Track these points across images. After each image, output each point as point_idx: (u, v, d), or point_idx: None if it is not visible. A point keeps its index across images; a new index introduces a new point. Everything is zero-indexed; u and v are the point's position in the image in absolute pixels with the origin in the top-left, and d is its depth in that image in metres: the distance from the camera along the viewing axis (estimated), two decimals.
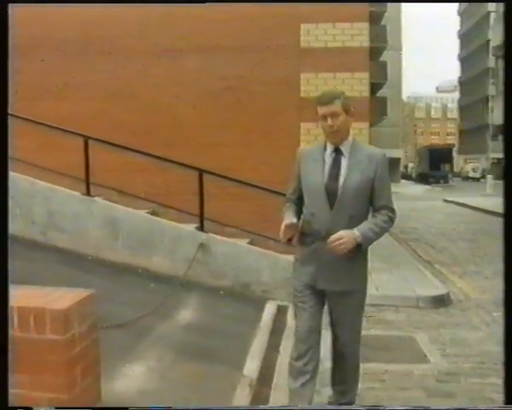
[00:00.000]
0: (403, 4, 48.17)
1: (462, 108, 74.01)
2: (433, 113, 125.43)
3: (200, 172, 6.81)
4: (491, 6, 58.90)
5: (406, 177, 60.95)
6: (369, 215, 3.22)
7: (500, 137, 56.24)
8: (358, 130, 8.10)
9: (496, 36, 26.28)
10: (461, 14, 73.36)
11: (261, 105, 8.02)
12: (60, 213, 7.24)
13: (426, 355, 4.93)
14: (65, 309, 2.33)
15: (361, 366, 3.58)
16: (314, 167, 3.13)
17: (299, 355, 3.23)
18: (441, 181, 48.57)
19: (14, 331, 2.36)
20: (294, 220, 3.09)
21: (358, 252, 3.05)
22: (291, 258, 6.72)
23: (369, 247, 3.16)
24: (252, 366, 4.57)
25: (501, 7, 27.79)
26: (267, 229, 6.72)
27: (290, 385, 3.29)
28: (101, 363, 2.99)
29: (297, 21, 7.99)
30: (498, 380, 4.33)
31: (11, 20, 9.29)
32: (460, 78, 74.76)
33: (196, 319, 5.61)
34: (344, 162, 3.09)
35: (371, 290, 7.00)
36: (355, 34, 7.94)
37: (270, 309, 6.26)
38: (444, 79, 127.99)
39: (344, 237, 2.94)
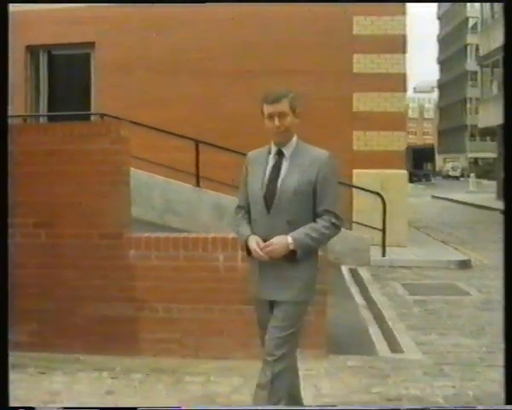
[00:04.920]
0: None
1: (441, 110, 76.78)
2: (410, 113, 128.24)
3: None
4: (470, 12, 62.00)
5: None
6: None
7: (478, 138, 59.52)
8: (397, 137, 10.47)
9: (483, 46, 28.86)
10: (440, 18, 76.12)
11: (321, 117, 10.23)
12: (175, 200, 9.40)
13: (468, 292, 7.29)
14: None
15: (400, 313, 5.71)
16: (257, 171, 2.99)
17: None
18: (423, 179, 51.16)
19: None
20: (257, 238, 2.89)
21: (294, 259, 2.84)
22: (355, 233, 9.08)
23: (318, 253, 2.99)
24: (359, 298, 6.92)
25: (484, 13, 30.33)
26: None
27: None
28: None
29: (350, 51, 10.31)
30: None
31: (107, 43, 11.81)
32: (439, 80, 77.56)
33: None
34: (285, 165, 2.94)
35: (412, 257, 9.40)
36: (394, 63, 10.29)
37: (345, 270, 8.56)
38: (421, 80, 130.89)
39: (273, 242, 2.79)
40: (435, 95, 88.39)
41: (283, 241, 2.81)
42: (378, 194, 9.27)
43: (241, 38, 10.48)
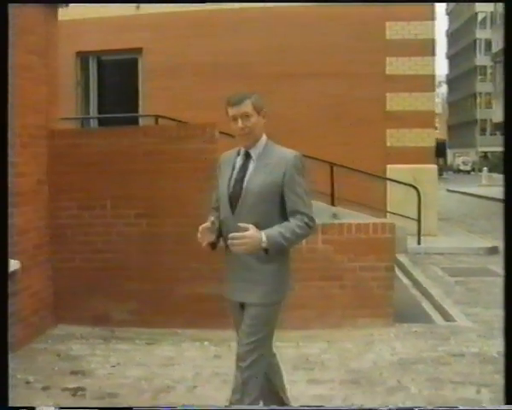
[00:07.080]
0: None
1: (451, 105, 77.08)
2: None
3: (332, 165, 9.80)
4: (479, 7, 62.41)
5: None
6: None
7: (488, 132, 59.99)
8: (427, 134, 11.27)
9: (496, 42, 29.61)
10: (448, 13, 76.47)
11: (357, 116, 11.05)
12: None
13: (500, 274, 8.03)
14: (393, 223, 5.35)
15: (445, 291, 6.56)
16: (225, 173, 2.97)
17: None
18: None
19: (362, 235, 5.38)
20: (212, 219, 2.91)
21: (265, 257, 2.81)
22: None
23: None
24: (405, 280, 7.75)
25: (496, 9, 30.84)
26: (367, 202, 9.83)
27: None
28: None
29: (383, 55, 11.11)
30: None
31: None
32: (448, 75, 77.86)
33: None
34: (251, 166, 2.91)
35: (444, 245, 10.20)
36: (424, 65, 11.11)
37: None
38: None
39: (247, 236, 2.70)
40: (443, 89, 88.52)
41: (257, 236, 2.73)
42: (414, 187, 10.07)
43: (281, 42, 11.21)
